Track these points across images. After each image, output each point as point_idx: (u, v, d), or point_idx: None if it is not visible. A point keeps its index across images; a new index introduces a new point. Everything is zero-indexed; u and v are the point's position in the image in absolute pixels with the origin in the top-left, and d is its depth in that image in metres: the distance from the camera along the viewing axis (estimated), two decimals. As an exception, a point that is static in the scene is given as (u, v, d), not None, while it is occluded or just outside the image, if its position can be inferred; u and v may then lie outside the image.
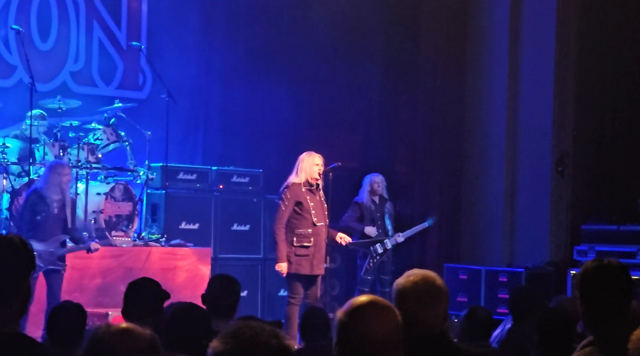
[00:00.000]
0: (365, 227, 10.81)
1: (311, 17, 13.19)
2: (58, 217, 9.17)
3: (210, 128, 13.02)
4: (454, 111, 13.74)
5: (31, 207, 9.06)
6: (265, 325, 2.35)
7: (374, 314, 3.06)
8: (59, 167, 9.31)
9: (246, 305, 11.44)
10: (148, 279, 5.19)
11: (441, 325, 3.74)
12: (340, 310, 3.10)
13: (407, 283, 3.72)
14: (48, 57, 12.13)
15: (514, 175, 13.13)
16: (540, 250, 12.61)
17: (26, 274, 3.19)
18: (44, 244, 9.03)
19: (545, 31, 12.88)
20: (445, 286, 3.80)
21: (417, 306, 3.65)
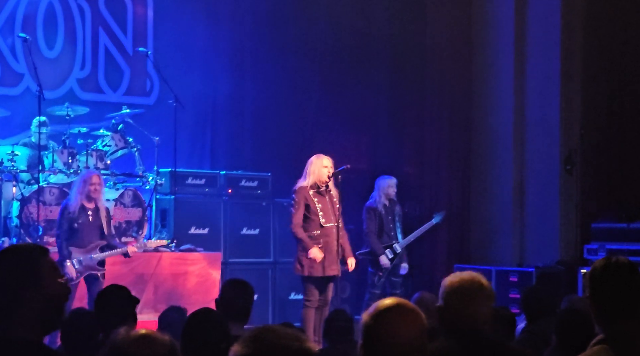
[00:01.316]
0: (380, 257, 10.78)
1: (318, 21, 13.20)
2: (94, 224, 9.43)
3: (218, 132, 13.01)
4: (461, 111, 13.74)
5: (68, 216, 9.31)
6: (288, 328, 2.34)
7: (400, 317, 3.11)
8: (87, 176, 9.51)
9: (257, 309, 11.37)
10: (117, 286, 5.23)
11: (487, 322, 3.89)
12: (366, 313, 3.14)
13: (455, 280, 3.90)
14: (54, 64, 12.14)
15: (523, 174, 13.11)
16: (550, 249, 12.59)
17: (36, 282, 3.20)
18: (83, 251, 9.32)
19: (550, 28, 12.86)
20: (491, 287, 3.99)
21: (464, 303, 3.85)
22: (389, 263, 10.79)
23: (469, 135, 13.74)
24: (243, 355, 2.34)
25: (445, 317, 3.93)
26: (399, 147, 13.83)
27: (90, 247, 9.37)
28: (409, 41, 13.72)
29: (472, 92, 13.74)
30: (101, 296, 5.10)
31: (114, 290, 5.17)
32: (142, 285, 10.43)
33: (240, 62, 13.04)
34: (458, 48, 13.74)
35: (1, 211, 10.55)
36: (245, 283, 5.77)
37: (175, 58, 12.64)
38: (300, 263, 9.42)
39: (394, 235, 10.96)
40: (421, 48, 13.81)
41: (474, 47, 13.77)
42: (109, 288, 5.25)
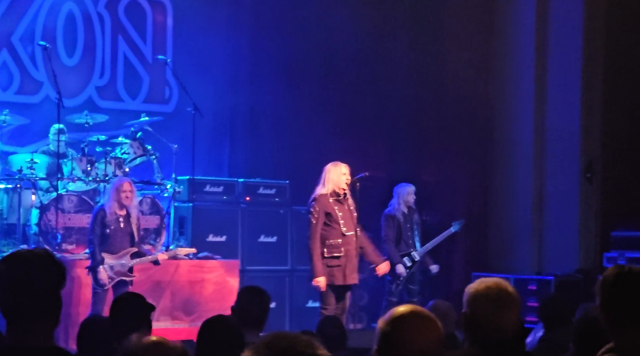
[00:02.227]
0: (397, 265, 10.75)
1: (336, 28, 13.18)
2: (125, 231, 9.52)
3: (237, 140, 13.04)
4: (480, 119, 13.69)
5: (100, 223, 9.41)
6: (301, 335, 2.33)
7: (415, 324, 3.10)
8: (119, 183, 9.60)
9: (274, 316, 11.39)
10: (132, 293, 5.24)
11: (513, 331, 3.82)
12: (381, 319, 3.14)
13: (480, 287, 3.83)
14: (74, 72, 12.21)
15: (542, 182, 13.06)
16: (569, 258, 12.52)
17: (57, 287, 3.20)
18: (115, 257, 9.42)
19: (572, 36, 12.81)
20: (518, 294, 3.91)
21: (489, 310, 3.77)
22: (404, 272, 10.76)
23: (488, 143, 13.69)
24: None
25: (469, 324, 3.88)
26: (417, 155, 13.80)
27: (122, 254, 9.46)
28: (427, 50, 13.69)
29: (492, 100, 13.69)
30: (116, 303, 5.11)
31: (130, 297, 5.18)
32: (160, 292, 10.45)
33: (258, 69, 13.07)
34: (478, 56, 13.70)
35: (20, 219, 10.58)
36: (261, 291, 5.76)
37: (194, 66, 12.67)
38: (321, 271, 9.39)
39: (412, 243, 10.93)
40: (440, 56, 13.77)
41: (494, 55, 13.72)
42: (124, 295, 5.26)
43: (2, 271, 3.17)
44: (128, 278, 9.49)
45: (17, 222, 10.59)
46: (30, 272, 3.15)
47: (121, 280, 9.43)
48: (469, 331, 3.90)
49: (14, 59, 11.94)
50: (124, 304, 5.03)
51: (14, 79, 11.92)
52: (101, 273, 9.26)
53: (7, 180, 10.65)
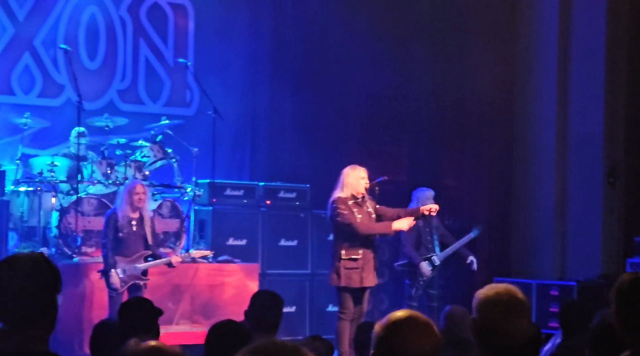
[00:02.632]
0: (421, 264, 10.69)
1: (357, 32, 13.16)
2: (138, 234, 9.46)
3: (258, 144, 13.02)
4: (502, 123, 13.62)
5: (113, 226, 9.37)
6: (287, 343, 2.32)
7: (412, 329, 3.10)
8: (132, 186, 9.55)
9: (295, 320, 11.44)
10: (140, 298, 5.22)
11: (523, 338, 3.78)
12: (378, 323, 3.15)
13: (490, 293, 3.79)
14: (95, 75, 12.24)
15: (564, 186, 12.97)
16: (592, 263, 12.43)
17: (52, 292, 3.18)
18: (128, 260, 9.36)
19: (594, 41, 12.73)
20: (528, 301, 3.86)
21: (498, 316, 3.73)
22: (430, 270, 10.69)
23: (510, 147, 13.62)
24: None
25: (479, 331, 3.84)
26: (439, 159, 13.74)
27: (135, 257, 9.40)
28: (449, 55, 13.63)
29: (514, 105, 13.62)
30: (124, 307, 5.08)
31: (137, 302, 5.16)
32: (179, 296, 10.45)
33: (279, 73, 13.05)
34: (500, 61, 13.62)
35: (40, 221, 10.62)
36: (275, 295, 5.73)
37: (215, 69, 12.67)
38: (338, 273, 9.33)
39: (431, 247, 10.87)
40: (462, 61, 13.70)
41: (516, 60, 13.65)
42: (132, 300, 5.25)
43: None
44: (142, 282, 9.45)
45: (37, 225, 10.62)
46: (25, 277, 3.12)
47: (135, 283, 9.39)
48: (478, 338, 3.86)
49: (37, 62, 11.98)
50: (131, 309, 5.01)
51: (36, 82, 11.96)
52: (113, 277, 9.23)
53: (28, 182, 10.69)
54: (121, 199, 9.51)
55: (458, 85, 13.70)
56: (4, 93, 11.74)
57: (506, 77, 13.64)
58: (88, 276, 9.64)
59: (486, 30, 13.64)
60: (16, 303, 3.11)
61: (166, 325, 10.14)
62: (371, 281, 9.42)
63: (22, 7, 11.91)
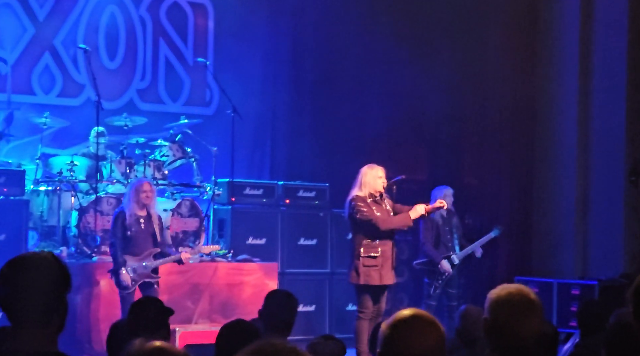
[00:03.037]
0: (441, 262, 10.65)
1: (377, 29, 13.13)
2: (146, 232, 9.37)
3: (278, 143, 13.02)
4: (523, 120, 13.54)
5: (121, 225, 9.29)
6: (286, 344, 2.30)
7: (417, 328, 3.09)
8: (138, 184, 9.47)
9: (314, 319, 11.43)
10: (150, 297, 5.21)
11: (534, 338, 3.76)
12: (384, 323, 3.15)
13: (502, 293, 3.77)
14: (115, 75, 12.29)
15: (586, 185, 12.88)
16: (614, 262, 12.32)
17: (62, 292, 3.17)
18: (138, 259, 9.29)
19: (617, 37, 12.62)
20: (540, 301, 3.83)
21: (511, 316, 3.71)
22: (450, 268, 10.64)
23: (531, 145, 13.53)
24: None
25: (491, 331, 3.82)
26: (459, 157, 13.69)
27: (144, 255, 9.33)
28: (469, 52, 13.57)
29: (535, 102, 13.54)
30: (134, 307, 5.08)
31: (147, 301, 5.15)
32: (198, 295, 10.46)
33: (299, 72, 13.05)
34: (521, 58, 13.56)
35: (60, 221, 10.66)
36: (289, 295, 5.72)
37: (235, 68, 12.69)
38: (357, 271, 9.31)
39: (451, 246, 10.82)
40: (482, 58, 13.64)
41: (537, 57, 13.57)
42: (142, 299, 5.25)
43: (6, 275, 3.14)
44: (152, 280, 9.36)
45: (57, 224, 10.68)
46: (34, 276, 3.11)
47: (146, 281, 9.31)
48: (490, 338, 3.84)
49: (57, 62, 12.04)
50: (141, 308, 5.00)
51: (56, 81, 12.03)
52: (123, 275, 9.16)
53: (48, 182, 10.74)
54: (128, 197, 9.41)
55: (478, 83, 13.64)
56: (25, 93, 11.81)
57: (527, 75, 13.56)
58: (107, 275, 9.65)
59: (507, 28, 13.57)
60: (25, 302, 3.10)
61: (185, 324, 10.17)
62: (390, 279, 9.39)
63: (42, 7, 11.97)
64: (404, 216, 9.41)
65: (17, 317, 3.11)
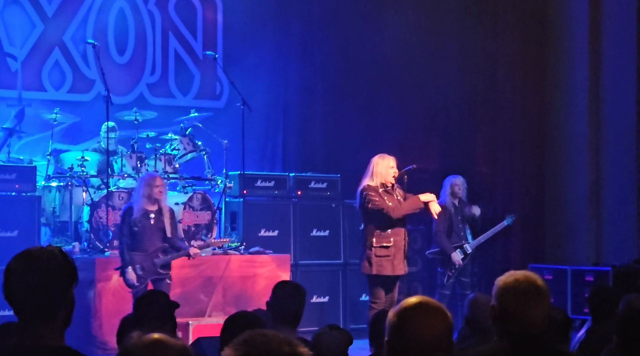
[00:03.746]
0: (452, 254, 10.61)
1: (387, 20, 13.11)
2: (156, 227, 9.26)
3: (289, 135, 13.02)
4: (534, 108, 13.51)
5: (127, 222, 9.18)
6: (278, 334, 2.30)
7: (423, 316, 3.10)
8: (150, 178, 9.39)
9: (328, 310, 11.44)
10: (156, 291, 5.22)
11: (542, 325, 3.76)
12: (391, 310, 3.16)
13: (509, 280, 3.77)
14: (125, 69, 12.30)
15: (598, 171, 12.84)
16: (627, 248, 12.29)
17: (68, 286, 3.17)
18: (145, 255, 9.19)
19: (626, 24, 12.58)
20: (547, 288, 3.84)
21: (518, 303, 3.71)
22: (460, 260, 10.62)
23: (542, 133, 13.51)
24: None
25: (498, 318, 3.81)
26: (471, 146, 13.66)
27: (152, 251, 9.21)
28: (481, 41, 13.54)
29: (546, 91, 13.50)
30: (140, 302, 5.09)
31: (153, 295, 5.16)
32: (211, 288, 10.47)
33: (309, 64, 13.03)
34: (532, 47, 13.51)
35: (72, 216, 10.69)
36: (297, 286, 5.70)
37: (245, 61, 12.69)
38: (369, 261, 9.30)
39: (463, 235, 10.79)
40: (494, 47, 13.61)
41: (548, 45, 13.53)
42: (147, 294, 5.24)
43: (13, 269, 3.15)
44: (161, 276, 9.23)
45: (69, 220, 10.71)
46: (40, 271, 3.12)
47: (157, 277, 9.20)
48: (497, 325, 3.83)
49: (66, 58, 12.07)
50: (147, 302, 5.01)
51: (67, 77, 12.05)
52: (129, 274, 9.06)
53: (59, 178, 10.77)
54: (139, 192, 9.28)
55: (489, 72, 13.61)
56: (35, 90, 11.84)
57: (538, 64, 13.52)
58: (115, 270, 9.66)
59: (517, 16, 13.54)
60: (32, 297, 3.11)
61: (199, 317, 10.19)
62: (402, 269, 9.38)
63: (51, 4, 11.99)
64: (414, 198, 9.40)
65: (24, 311, 3.12)
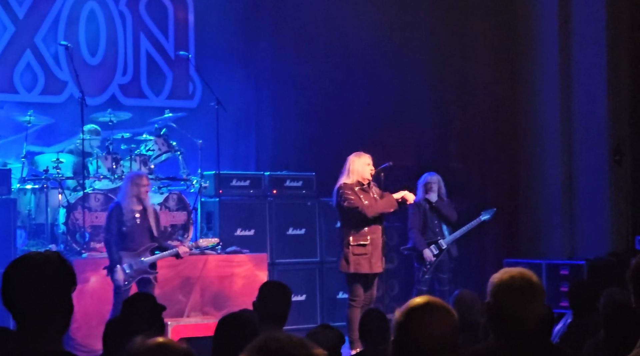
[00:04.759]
0: (424, 250, 10.62)
1: (357, 17, 13.11)
2: (142, 226, 9.26)
3: (262, 133, 13.02)
4: (506, 103, 13.56)
5: (116, 220, 9.16)
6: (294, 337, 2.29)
7: (430, 315, 3.12)
8: (136, 177, 9.37)
9: (305, 309, 11.45)
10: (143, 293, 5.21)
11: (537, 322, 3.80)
12: (398, 310, 3.18)
13: (504, 277, 3.80)
14: (97, 71, 12.25)
15: (571, 166, 12.92)
16: (601, 241, 12.38)
17: (67, 291, 3.17)
18: (135, 254, 9.18)
19: (596, 15, 12.65)
20: (542, 285, 3.87)
21: (513, 301, 3.75)
22: (432, 256, 10.63)
23: (515, 127, 13.56)
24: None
25: (494, 315, 3.83)
26: (444, 142, 13.71)
27: (141, 250, 9.22)
28: (451, 35, 13.59)
29: (517, 84, 13.56)
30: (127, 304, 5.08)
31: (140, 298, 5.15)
32: (189, 288, 10.45)
33: (281, 62, 13.02)
34: (502, 40, 13.57)
35: (48, 218, 10.63)
36: (282, 286, 5.72)
37: (217, 61, 12.67)
38: (347, 260, 9.34)
39: (439, 231, 10.80)
40: (464, 41, 13.66)
41: (517, 38, 13.58)
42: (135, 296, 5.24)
43: (12, 274, 3.15)
44: (150, 275, 9.26)
45: (45, 222, 10.65)
46: (40, 275, 3.12)
47: (144, 277, 9.21)
48: (492, 322, 3.85)
49: (38, 60, 11.99)
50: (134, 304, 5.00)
51: (39, 79, 11.98)
52: (118, 273, 9.05)
53: (34, 180, 10.70)
54: (125, 191, 9.28)
55: (460, 68, 13.65)
56: (7, 92, 11.77)
57: (508, 58, 13.58)
58: (97, 271, 9.64)
59: (486, 9, 13.57)
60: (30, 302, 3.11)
61: (177, 317, 10.17)
62: (379, 267, 9.44)
63: (21, 5, 11.92)
64: (388, 197, 9.47)
65: (22, 316, 3.12)
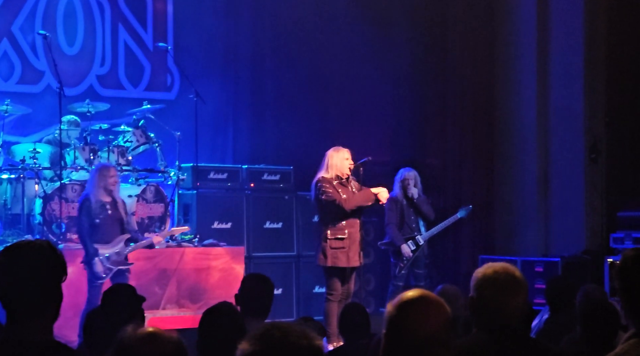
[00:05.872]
0: (402, 246, 10.62)
1: (339, 12, 13.13)
2: (114, 218, 9.19)
3: (240, 126, 13.00)
4: (483, 100, 13.63)
5: (86, 213, 9.06)
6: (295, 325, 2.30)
7: (424, 309, 3.10)
8: (104, 169, 9.30)
9: (281, 302, 11.43)
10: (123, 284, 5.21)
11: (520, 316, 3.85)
12: (390, 303, 3.15)
13: (488, 271, 3.83)
14: (75, 61, 12.18)
15: (547, 163, 13.00)
16: (576, 239, 12.47)
17: (58, 280, 3.16)
18: (109, 246, 9.11)
19: (573, 14, 12.72)
20: (525, 280, 3.90)
21: (496, 295, 3.78)
22: (410, 252, 10.64)
23: (491, 125, 13.63)
24: (250, 353, 2.30)
25: (477, 309, 3.86)
26: (421, 138, 13.75)
27: (115, 242, 9.16)
28: (430, 31, 13.63)
29: (495, 81, 13.63)
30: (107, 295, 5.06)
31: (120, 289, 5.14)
32: (165, 281, 10.42)
33: (260, 55, 13.01)
34: (480, 37, 13.63)
35: (24, 209, 10.56)
36: (265, 278, 5.72)
37: (196, 53, 12.64)
38: (325, 253, 9.35)
39: (415, 227, 10.81)
40: (443, 37, 13.71)
41: (496, 35, 13.65)
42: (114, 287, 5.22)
43: (1, 264, 3.13)
44: (125, 267, 9.20)
45: (21, 212, 10.57)
46: (31, 264, 3.10)
47: (119, 269, 9.14)
48: (476, 316, 3.88)
49: (15, 49, 11.90)
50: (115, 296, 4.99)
51: (15, 68, 11.89)
52: (97, 266, 8.96)
53: (10, 170, 10.63)
54: (93, 183, 9.17)
55: (439, 64, 13.70)
56: (-16, 81, 11.67)
57: (486, 55, 13.64)
58: (74, 262, 9.55)
59: (465, 7, 13.63)
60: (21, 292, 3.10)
61: (153, 309, 10.13)
62: (357, 261, 9.46)
63: (-2, -6, 11.83)
64: (365, 191, 9.50)
65: (13, 307, 3.10)
